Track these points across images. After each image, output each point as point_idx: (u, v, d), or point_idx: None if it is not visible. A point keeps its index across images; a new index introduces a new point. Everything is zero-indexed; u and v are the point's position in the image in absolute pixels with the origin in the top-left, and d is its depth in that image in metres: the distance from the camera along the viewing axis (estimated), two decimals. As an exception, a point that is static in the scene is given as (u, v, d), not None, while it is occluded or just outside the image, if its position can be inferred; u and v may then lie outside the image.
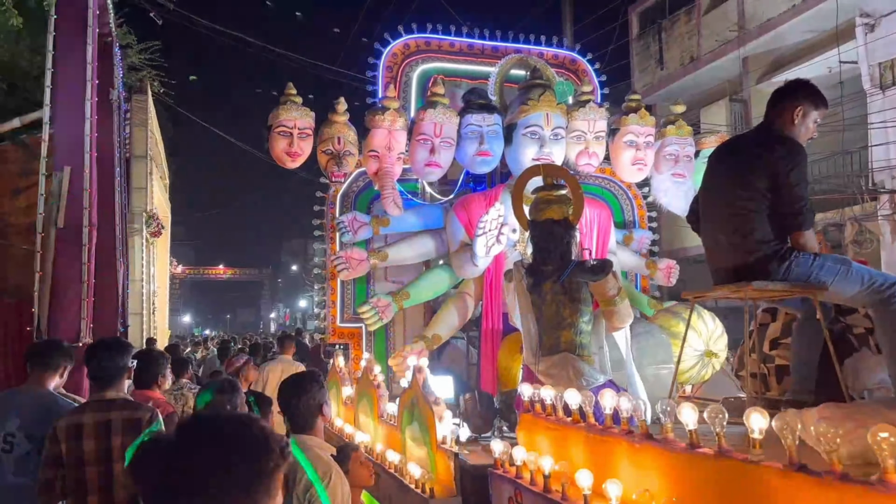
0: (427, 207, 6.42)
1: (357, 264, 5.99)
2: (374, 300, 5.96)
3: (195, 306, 64.22)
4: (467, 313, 6.10)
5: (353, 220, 6.06)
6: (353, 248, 6.05)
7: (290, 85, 5.72)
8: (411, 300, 6.08)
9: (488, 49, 7.13)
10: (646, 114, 6.29)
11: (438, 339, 5.92)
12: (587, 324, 3.94)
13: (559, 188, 4.04)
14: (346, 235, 6.03)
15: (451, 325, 6.02)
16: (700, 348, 5.39)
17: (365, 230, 6.09)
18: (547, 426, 2.62)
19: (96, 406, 3.16)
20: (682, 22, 13.06)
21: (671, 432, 1.95)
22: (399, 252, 6.17)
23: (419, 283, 6.15)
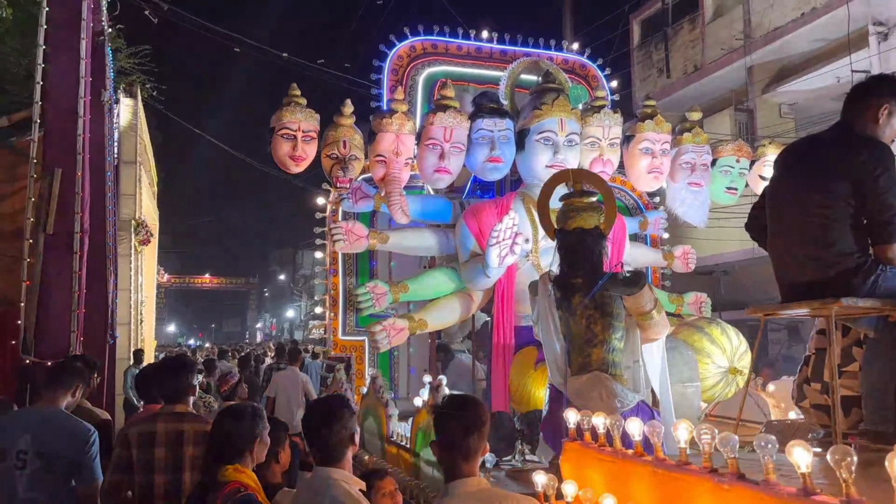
0: (432, 197, 6.14)
1: (355, 239, 5.65)
2: (371, 285, 5.63)
3: (180, 316, 63.58)
4: (467, 313, 5.82)
5: (358, 189, 5.72)
6: (354, 223, 5.73)
7: (294, 86, 5.45)
8: (409, 294, 5.76)
9: (496, 53, 6.90)
10: (662, 120, 6.07)
11: (424, 325, 5.60)
12: (619, 341, 3.68)
13: (590, 195, 3.78)
14: (346, 202, 5.71)
15: (444, 318, 5.73)
16: (724, 365, 5.16)
17: (366, 202, 5.72)
18: (600, 458, 2.34)
19: (168, 418, 3.30)
20: (685, 30, 12.90)
21: (773, 473, 1.68)
22: (401, 239, 5.88)
23: (421, 279, 5.84)
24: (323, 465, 2.35)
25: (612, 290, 3.62)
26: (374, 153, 5.51)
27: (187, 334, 65.28)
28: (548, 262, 5.62)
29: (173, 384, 3.40)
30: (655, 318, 3.70)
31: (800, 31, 10.65)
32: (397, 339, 5.48)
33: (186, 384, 3.44)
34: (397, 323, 5.45)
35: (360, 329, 6.02)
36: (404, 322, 5.48)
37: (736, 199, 6.52)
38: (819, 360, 3.11)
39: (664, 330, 3.78)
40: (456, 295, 5.79)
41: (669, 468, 1.98)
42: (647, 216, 6.74)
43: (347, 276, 6.19)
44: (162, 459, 3.19)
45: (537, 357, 5.15)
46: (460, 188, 6.70)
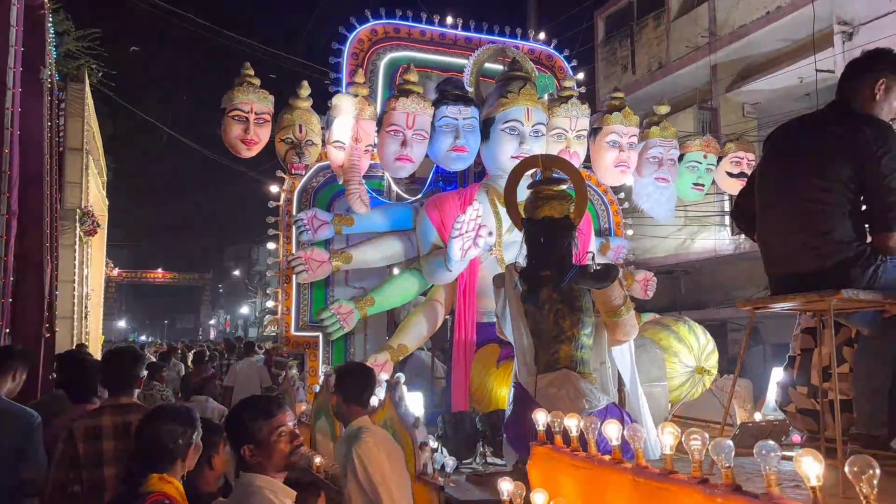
0: (394, 207, 5.89)
1: (318, 266, 5.43)
2: (336, 306, 5.39)
3: (132, 311, 62.14)
4: (437, 322, 5.59)
5: (314, 219, 5.49)
6: (313, 249, 5.48)
7: (248, 65, 5.14)
8: (376, 307, 5.54)
9: (461, 40, 6.67)
10: (630, 113, 5.91)
11: (405, 349, 5.38)
12: (588, 337, 3.48)
13: (559, 182, 3.56)
14: (305, 234, 5.45)
15: (419, 335, 5.49)
16: (691, 364, 5.00)
17: (326, 229, 5.52)
18: (573, 464, 2.12)
19: (113, 410, 3.22)
20: (650, 27, 12.83)
21: (776, 486, 1.47)
22: (364, 254, 5.61)
23: (385, 288, 5.60)
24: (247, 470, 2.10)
25: (581, 284, 3.41)
26: (332, 139, 5.23)
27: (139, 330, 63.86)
28: (512, 256, 5.39)
29: (118, 374, 3.32)
30: (624, 317, 3.50)
31: (765, 30, 10.64)
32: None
33: (131, 375, 3.34)
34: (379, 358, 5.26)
35: (314, 324, 5.74)
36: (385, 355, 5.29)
37: (702, 195, 6.41)
38: (806, 361, 2.92)
39: (633, 331, 3.58)
40: (423, 311, 5.60)
41: (653, 477, 1.76)
42: (611, 241, 6.52)
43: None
44: (111, 451, 3.11)
45: (500, 354, 4.94)
46: (421, 180, 6.46)
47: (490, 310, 5.37)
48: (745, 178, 6.34)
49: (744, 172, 6.30)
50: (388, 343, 5.41)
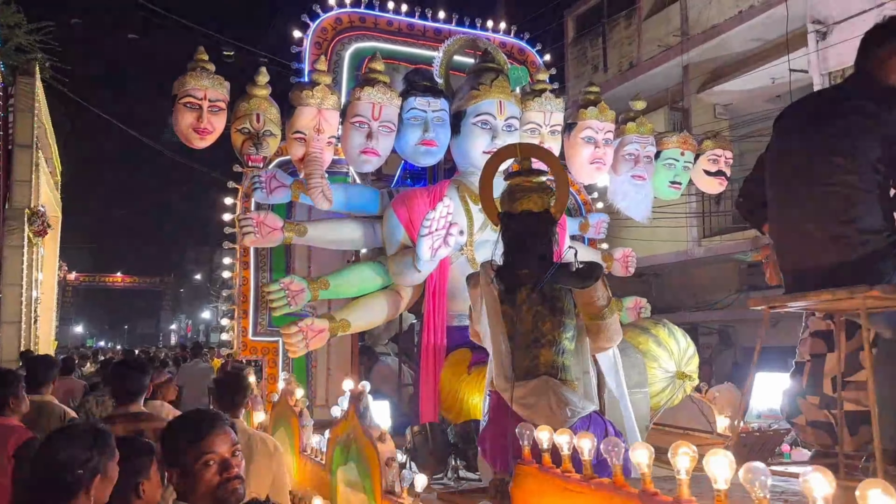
0: (358, 186, 5.54)
1: (268, 232, 4.95)
2: (286, 280, 4.92)
3: (90, 316, 60.81)
4: (395, 312, 5.24)
5: (272, 179, 5.02)
6: (267, 213, 5.01)
7: (202, 49, 4.78)
8: (330, 291, 5.09)
9: (430, 31, 6.37)
10: (606, 108, 5.66)
11: (346, 326, 4.96)
12: (570, 341, 3.20)
13: (539, 173, 3.29)
14: (259, 192, 5.00)
15: (369, 318, 5.12)
16: (671, 369, 4.76)
17: (281, 192, 5.03)
18: (566, 487, 1.83)
19: (124, 419, 3.43)
20: (621, 26, 12.69)
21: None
22: (321, 231, 5.20)
23: (343, 274, 5.18)
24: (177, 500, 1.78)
25: (562, 283, 3.14)
26: (293, 129, 4.89)
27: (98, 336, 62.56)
28: (484, 255, 5.11)
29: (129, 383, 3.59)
30: (607, 321, 3.24)
31: (737, 30, 10.54)
32: (316, 341, 4.85)
33: (143, 384, 3.71)
34: (315, 324, 4.82)
35: (274, 329, 5.38)
36: (324, 322, 4.86)
37: (679, 194, 6.20)
38: (817, 368, 2.66)
39: (617, 336, 3.32)
40: (382, 292, 5.22)
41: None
42: (589, 218, 6.30)
43: (260, 270, 5.54)
44: None
45: (471, 359, 4.66)
46: (388, 177, 6.16)
47: (461, 312, 5.08)
48: (722, 176, 6.18)
49: (721, 171, 6.12)
50: (331, 313, 5.01)
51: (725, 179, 6.15)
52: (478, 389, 4.40)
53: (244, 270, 5.50)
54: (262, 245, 5.16)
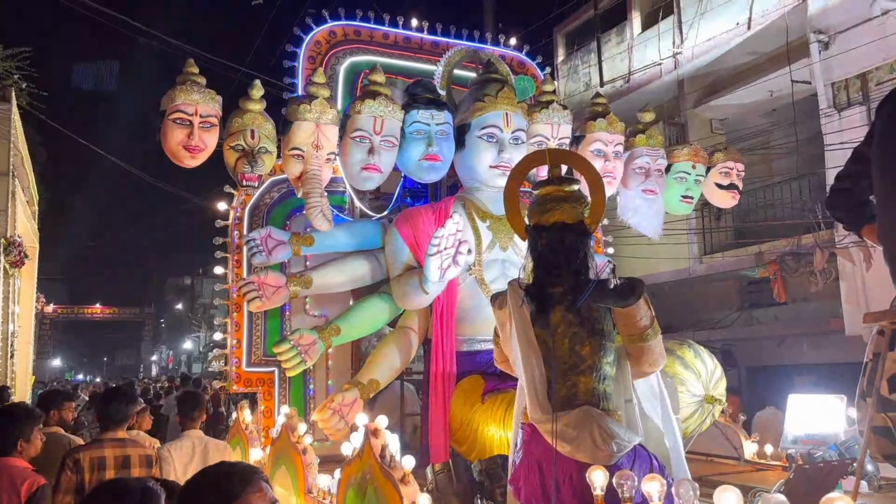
0: (360, 224, 5.25)
1: (273, 292, 4.71)
2: (296, 337, 4.66)
3: (69, 349, 59.68)
4: (411, 353, 4.95)
5: (268, 238, 4.77)
6: (267, 273, 4.76)
7: (191, 62, 4.48)
8: (342, 337, 4.84)
9: (427, 44, 6.12)
10: (615, 119, 5.43)
11: (376, 385, 4.70)
12: (612, 366, 2.91)
13: (571, 182, 3.01)
14: (258, 257, 4.73)
15: (392, 368, 4.83)
16: (699, 393, 4.47)
17: (282, 250, 4.80)
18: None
19: (113, 444, 3.79)
20: (613, 43, 12.55)
21: None
22: (326, 277, 4.92)
23: (352, 315, 4.91)
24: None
25: (601, 302, 2.84)
26: (289, 146, 4.60)
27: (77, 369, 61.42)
28: (493, 276, 4.83)
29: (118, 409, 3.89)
30: (650, 343, 2.94)
31: (733, 43, 10.43)
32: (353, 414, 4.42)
33: (129, 412, 4.06)
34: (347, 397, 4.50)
35: (269, 358, 5.05)
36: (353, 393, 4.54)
37: (692, 208, 5.95)
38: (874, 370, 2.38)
39: (661, 361, 3.01)
40: (393, 339, 4.90)
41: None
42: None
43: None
44: None
45: (485, 387, 4.35)
46: (387, 195, 5.86)
47: (471, 337, 4.79)
48: (735, 190, 5.95)
49: (734, 184, 5.89)
50: (356, 378, 4.72)
51: (738, 193, 5.91)
52: (493, 420, 4.10)
53: (237, 297, 5.17)
54: (271, 307, 4.87)
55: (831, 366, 9.74)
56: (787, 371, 10.55)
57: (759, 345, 10.92)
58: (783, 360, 10.64)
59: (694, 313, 11.41)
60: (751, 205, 10.53)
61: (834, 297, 9.12)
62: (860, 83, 8.66)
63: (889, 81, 8.17)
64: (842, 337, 9.07)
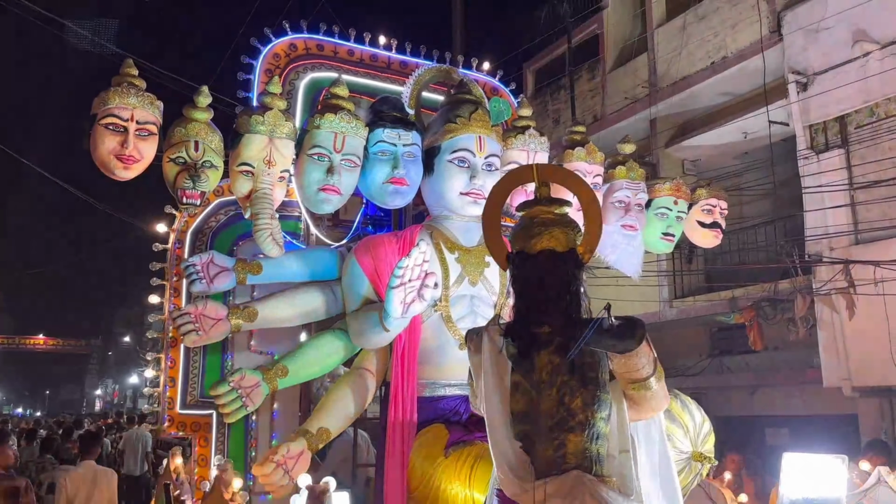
0: (314, 251, 4.75)
1: (212, 325, 4.15)
2: (237, 378, 4.11)
3: (8, 381, 57.42)
4: (367, 397, 4.42)
5: (209, 264, 4.24)
6: (206, 303, 4.21)
7: (130, 63, 3.99)
8: (290, 378, 4.29)
9: (395, 63, 5.71)
10: (594, 149, 5.08)
11: (326, 435, 4.15)
12: (606, 422, 2.45)
13: (562, 203, 2.58)
14: (197, 284, 4.19)
15: (345, 415, 4.29)
16: (687, 449, 4.01)
17: (225, 278, 4.26)
18: None
19: None
20: (584, 79, 12.37)
21: None
22: (274, 310, 4.38)
23: (302, 354, 4.37)
24: None
25: (595, 346, 2.39)
26: (238, 161, 4.11)
27: (16, 402, 59.13)
28: (460, 313, 4.36)
29: None
30: (653, 389, 2.50)
31: (708, 82, 10.29)
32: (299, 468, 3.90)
33: None
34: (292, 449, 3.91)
35: (206, 400, 4.48)
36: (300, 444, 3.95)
37: (672, 247, 5.58)
38: None
39: (663, 403, 2.59)
40: (351, 383, 4.36)
41: None
42: None
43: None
44: None
45: (448, 439, 3.87)
46: (346, 223, 5.39)
47: (434, 381, 4.31)
48: (718, 228, 5.60)
49: (717, 222, 5.55)
50: (304, 427, 4.16)
51: (721, 232, 5.57)
52: (457, 477, 3.65)
53: (174, 330, 4.61)
54: (207, 342, 4.32)
55: (806, 418, 9.45)
56: (759, 422, 10.24)
57: (730, 394, 10.60)
58: (755, 411, 10.33)
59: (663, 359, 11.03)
60: (723, 248, 10.30)
61: (809, 346, 8.86)
62: (839, 126, 8.54)
63: (869, 125, 8.06)
64: (818, 388, 8.79)
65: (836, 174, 8.54)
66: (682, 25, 11.01)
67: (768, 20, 9.44)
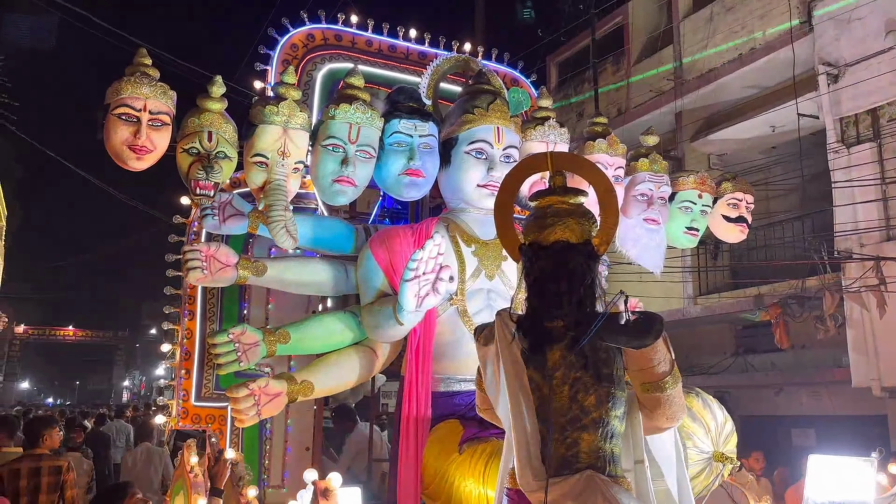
0: (329, 219, 4.68)
1: (218, 269, 4.01)
2: (237, 332, 3.98)
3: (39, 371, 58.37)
4: (369, 373, 4.36)
5: (227, 205, 4.14)
6: (219, 246, 4.08)
7: (144, 52, 3.94)
8: (291, 346, 4.15)
9: (414, 54, 5.65)
10: (616, 141, 4.96)
11: (309, 389, 4.02)
12: (621, 420, 2.36)
13: (577, 193, 2.49)
14: (209, 219, 4.09)
15: (336, 380, 4.19)
16: (708, 449, 3.90)
17: (238, 220, 4.15)
18: None
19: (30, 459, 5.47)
20: (608, 72, 12.22)
21: None
22: (284, 271, 4.27)
23: (307, 325, 4.24)
24: None
25: (610, 341, 2.30)
26: (252, 152, 4.05)
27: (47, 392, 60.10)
28: (477, 307, 4.28)
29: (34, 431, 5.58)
30: (669, 393, 2.40)
31: (735, 74, 10.09)
32: (270, 408, 3.90)
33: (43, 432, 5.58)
34: (271, 385, 3.88)
35: (221, 392, 4.45)
36: (280, 384, 3.91)
37: (696, 242, 5.45)
38: None
39: (680, 414, 2.48)
40: (354, 348, 4.32)
41: None
42: None
43: (208, 320, 4.63)
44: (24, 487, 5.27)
45: (463, 435, 3.80)
46: (363, 216, 5.35)
47: (449, 376, 4.24)
48: (744, 223, 5.45)
49: (742, 217, 5.40)
50: (290, 374, 4.08)
51: (747, 227, 5.42)
52: (471, 474, 3.58)
53: (189, 321, 4.61)
54: (210, 284, 4.21)
55: (833, 418, 9.24)
56: (785, 422, 10.04)
57: (755, 393, 10.41)
58: (780, 411, 10.13)
59: (686, 358, 10.89)
60: (749, 244, 10.10)
61: (837, 345, 8.65)
62: (870, 119, 8.31)
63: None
64: (846, 388, 8.59)
65: (866, 168, 8.31)
66: (708, 16, 10.80)
67: (798, 10, 9.22)
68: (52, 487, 5.41)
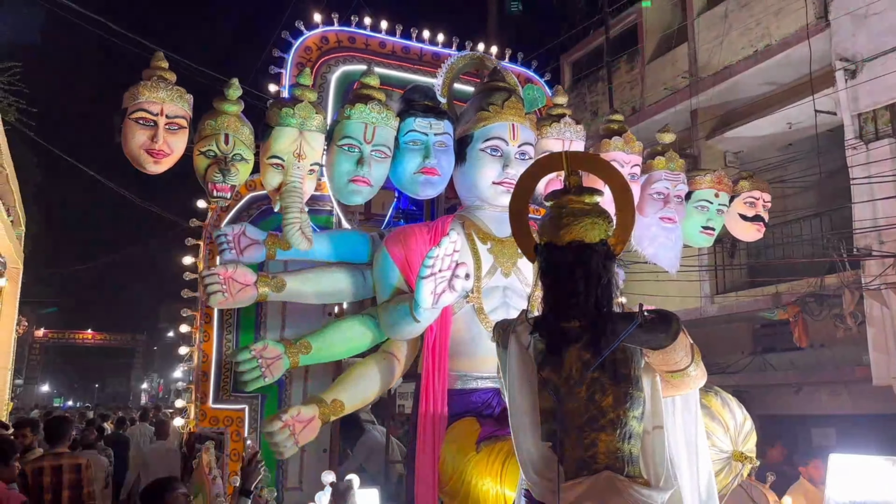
0: (345, 233, 4.71)
1: (239, 290, 4.07)
2: (259, 347, 4.05)
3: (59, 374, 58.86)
4: (391, 381, 4.38)
5: (241, 236, 4.19)
6: (237, 267, 4.13)
7: (160, 56, 3.98)
8: (312, 356, 4.20)
9: (428, 55, 5.65)
10: (632, 139, 4.94)
11: (340, 408, 4.08)
12: (639, 421, 2.35)
13: (593, 192, 2.48)
14: (227, 253, 4.14)
15: (363, 393, 4.24)
16: (727, 448, 3.86)
17: (255, 250, 4.20)
18: None
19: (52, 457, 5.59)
20: (622, 70, 12.15)
21: None
22: (303, 284, 4.31)
23: (326, 333, 4.28)
24: None
25: (629, 341, 2.29)
26: (268, 154, 4.08)
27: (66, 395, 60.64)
28: (493, 304, 4.28)
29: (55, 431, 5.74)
30: (692, 374, 2.40)
31: (751, 71, 9.99)
32: (306, 434, 3.92)
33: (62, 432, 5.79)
34: (303, 413, 3.91)
35: (239, 394, 4.47)
36: (312, 409, 3.95)
37: (712, 241, 5.41)
38: None
39: (702, 379, 2.52)
40: (374, 359, 4.34)
41: None
42: None
43: (225, 327, 4.65)
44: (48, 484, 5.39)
45: (480, 433, 3.80)
46: (378, 216, 5.36)
47: (466, 373, 4.26)
48: (760, 222, 5.41)
49: (759, 216, 5.36)
50: (319, 395, 4.11)
51: (763, 225, 5.39)
52: (489, 473, 3.59)
53: (206, 325, 4.62)
54: (232, 306, 4.29)
55: (853, 417, 9.14)
56: (805, 421, 9.94)
57: (774, 392, 10.31)
58: (800, 410, 10.03)
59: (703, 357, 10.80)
60: (766, 242, 10.02)
61: (857, 343, 8.55)
62: (889, 114, 8.21)
63: (921, 113, 7.76)
64: (867, 387, 8.49)
65: (885, 164, 8.21)
66: (723, 13, 10.72)
67: (814, 6, 9.13)
68: (73, 484, 5.59)
